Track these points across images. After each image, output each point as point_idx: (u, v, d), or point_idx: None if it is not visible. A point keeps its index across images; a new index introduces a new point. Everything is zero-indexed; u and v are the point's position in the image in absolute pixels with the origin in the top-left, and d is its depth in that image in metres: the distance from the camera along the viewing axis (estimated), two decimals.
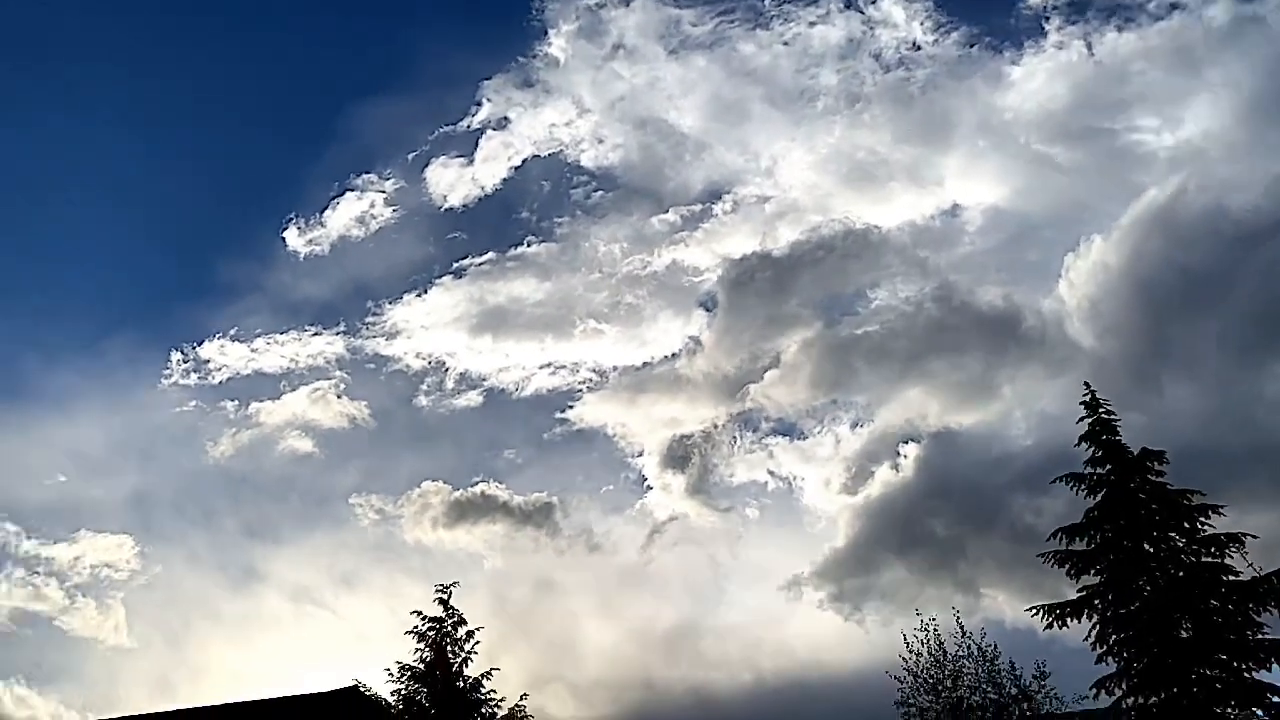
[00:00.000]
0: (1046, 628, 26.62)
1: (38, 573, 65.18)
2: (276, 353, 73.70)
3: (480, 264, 75.82)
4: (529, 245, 77.49)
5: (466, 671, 30.16)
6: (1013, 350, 65.23)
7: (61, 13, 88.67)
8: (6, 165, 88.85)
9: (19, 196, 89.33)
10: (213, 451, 73.27)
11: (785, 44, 76.39)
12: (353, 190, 78.64)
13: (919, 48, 74.81)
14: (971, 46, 74.34)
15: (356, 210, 76.78)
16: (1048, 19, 73.18)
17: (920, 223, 72.47)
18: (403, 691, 29.54)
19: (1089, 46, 71.66)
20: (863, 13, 75.71)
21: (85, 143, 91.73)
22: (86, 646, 64.76)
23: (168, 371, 74.09)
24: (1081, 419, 27.89)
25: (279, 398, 73.87)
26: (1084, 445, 27.70)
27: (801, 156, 75.35)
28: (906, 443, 63.85)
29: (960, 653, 27.37)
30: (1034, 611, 26.86)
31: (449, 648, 30.37)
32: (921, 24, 74.49)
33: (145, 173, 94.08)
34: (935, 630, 27.78)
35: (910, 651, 27.70)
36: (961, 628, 27.70)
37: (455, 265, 76.70)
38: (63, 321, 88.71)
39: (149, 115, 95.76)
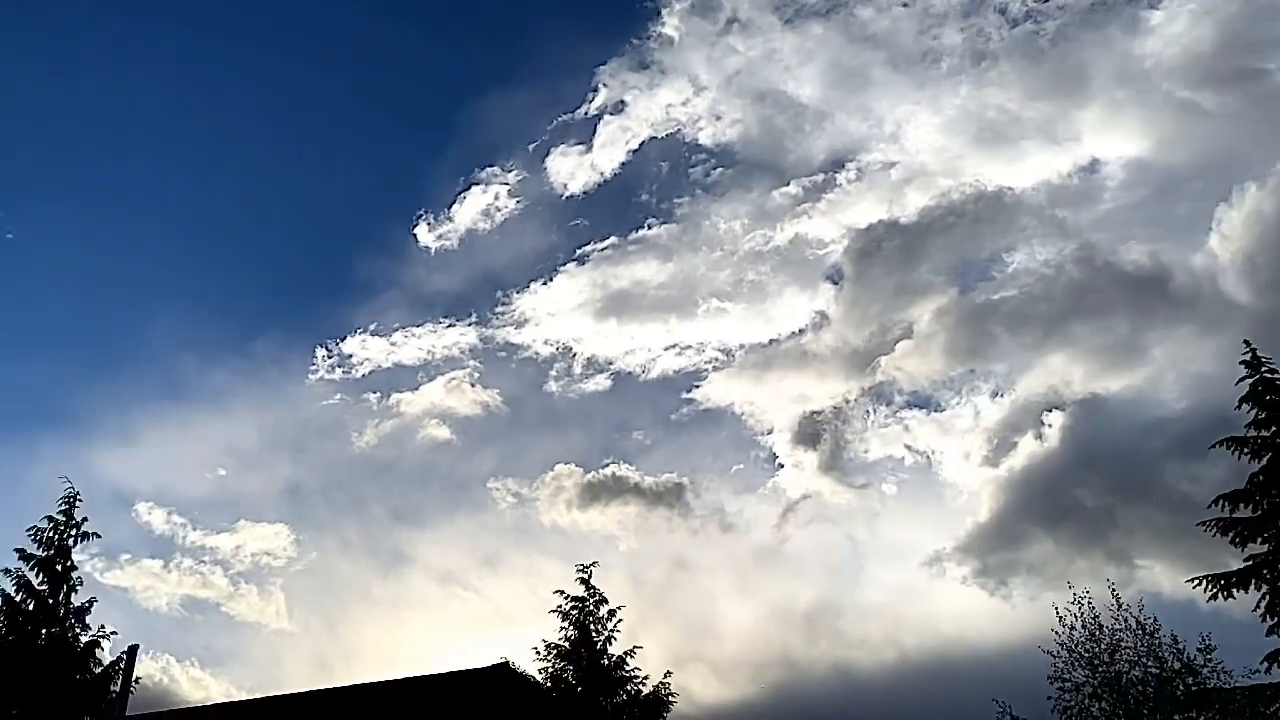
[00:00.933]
0: (1210, 599, 25.49)
1: (204, 561, 69.19)
2: (414, 345, 76.12)
3: (603, 249, 76.54)
4: (649, 228, 77.81)
5: (610, 650, 30.68)
6: (1162, 310, 62.09)
7: (199, 28, 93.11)
8: (157, 177, 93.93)
9: (168, 206, 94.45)
10: (358, 442, 76.32)
11: (905, 5, 74.37)
12: (477, 184, 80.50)
13: None
14: None
15: (482, 203, 78.54)
16: None
17: (1057, 181, 69.46)
18: (550, 669, 30.23)
19: None
20: None
21: (228, 153, 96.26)
22: (251, 630, 68.45)
23: (314, 367, 77.37)
24: (1242, 379, 26.48)
25: (417, 388, 76.42)
26: (1245, 407, 26.28)
27: (927, 119, 73.21)
28: (1050, 411, 61.50)
29: (1117, 626, 26.25)
30: (1196, 582, 25.73)
31: (592, 626, 30.94)
32: None
33: (284, 179, 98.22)
34: (1089, 603, 26.76)
35: (1063, 625, 26.76)
36: (1117, 600, 26.52)
37: (578, 252, 77.67)
38: (216, 324, 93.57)
39: (285, 123, 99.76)
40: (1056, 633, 26.68)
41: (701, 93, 77.84)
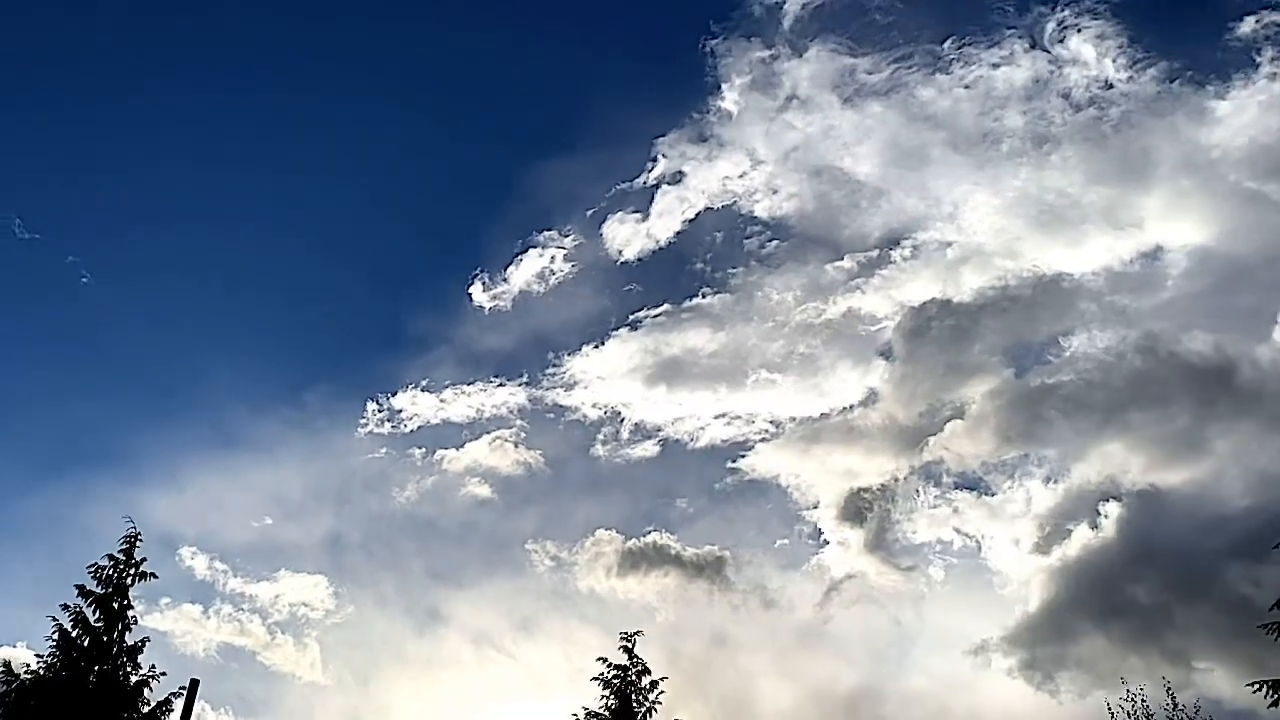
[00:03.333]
0: (1271, 705, 24.74)
1: (243, 609, 69.56)
2: (463, 403, 77.04)
3: (656, 315, 77.24)
4: (703, 296, 78.37)
5: None
6: (1225, 403, 60.83)
7: (263, 84, 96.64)
8: (220, 229, 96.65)
9: (231, 258, 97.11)
10: (399, 497, 76.93)
11: (966, 87, 74.96)
12: (534, 247, 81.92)
13: (1112, 85, 71.79)
14: (1172, 81, 70.75)
15: (537, 266, 79.96)
16: (1259, 50, 68.38)
17: (1118, 267, 68.98)
18: None
19: None
20: (1049, 52, 73.32)
21: (291, 199, 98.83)
22: (285, 681, 68.46)
23: (364, 420, 78.43)
24: None
25: (462, 445, 77.00)
26: None
27: (986, 200, 73.29)
28: (1106, 501, 60.17)
29: None
30: (1256, 687, 25.00)
31: (634, 697, 30.76)
32: (1114, 61, 71.49)
33: (345, 235, 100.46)
34: (1143, 701, 26.19)
35: None
36: (1173, 700, 26.00)
37: (631, 317, 78.37)
38: (269, 374, 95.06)
39: (349, 176, 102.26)
40: None
41: (759, 166, 79.05)
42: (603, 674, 31.18)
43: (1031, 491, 65.06)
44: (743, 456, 71.96)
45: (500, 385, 77.45)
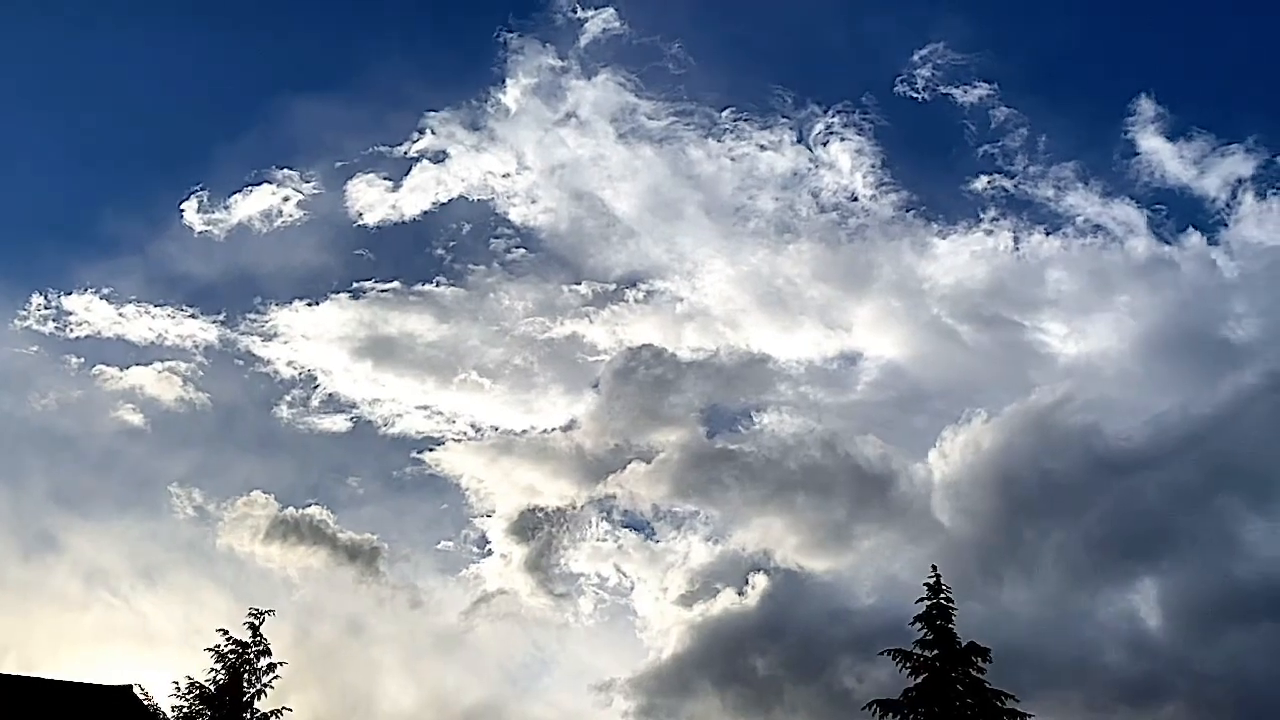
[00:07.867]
0: None
1: None
2: (144, 324, 70.62)
3: (383, 290, 74.41)
4: (436, 284, 76.38)
5: (258, 705, 28.98)
6: (877, 509, 66.42)
7: None
8: None
9: None
10: (36, 403, 69.35)
11: (732, 159, 78.71)
12: (269, 182, 76.44)
13: (856, 198, 77.78)
14: (907, 211, 77.55)
15: (267, 203, 74.74)
16: (984, 208, 76.14)
17: (819, 363, 74.33)
18: (185, 709, 28.18)
19: (1016, 241, 75.42)
20: (811, 151, 78.37)
21: None
22: None
23: (24, 313, 70.30)
24: (921, 600, 28.69)
25: (128, 368, 70.51)
26: (918, 625, 28.43)
27: (723, 269, 77.08)
28: (757, 571, 63.90)
29: None
30: None
31: (245, 676, 29.17)
32: (864, 177, 77.49)
33: (52, 106, 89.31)
34: None
35: None
36: None
37: (355, 285, 74.82)
38: None
39: (68, 50, 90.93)
40: None
41: (524, 171, 78.73)
42: (219, 646, 29.36)
43: (692, 546, 68.05)
44: (431, 451, 70.75)
45: (191, 316, 71.94)
